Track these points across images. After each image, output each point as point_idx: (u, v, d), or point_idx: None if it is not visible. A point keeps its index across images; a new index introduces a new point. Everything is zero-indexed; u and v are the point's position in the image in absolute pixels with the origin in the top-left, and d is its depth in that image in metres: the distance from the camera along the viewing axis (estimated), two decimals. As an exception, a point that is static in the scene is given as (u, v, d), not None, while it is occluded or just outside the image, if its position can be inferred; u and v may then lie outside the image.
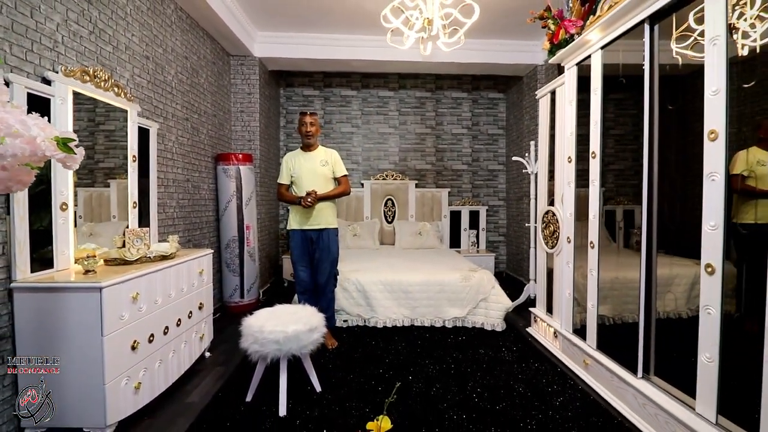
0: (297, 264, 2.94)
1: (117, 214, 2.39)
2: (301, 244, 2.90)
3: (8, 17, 1.70)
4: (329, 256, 2.91)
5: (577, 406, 2.03)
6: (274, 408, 2.01)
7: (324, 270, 2.91)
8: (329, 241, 2.91)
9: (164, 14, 2.96)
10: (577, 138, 2.50)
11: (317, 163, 2.92)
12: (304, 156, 2.96)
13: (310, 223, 2.88)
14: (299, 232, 2.91)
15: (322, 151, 2.99)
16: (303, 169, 2.91)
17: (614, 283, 2.26)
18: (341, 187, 2.97)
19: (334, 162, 2.96)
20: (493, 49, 4.43)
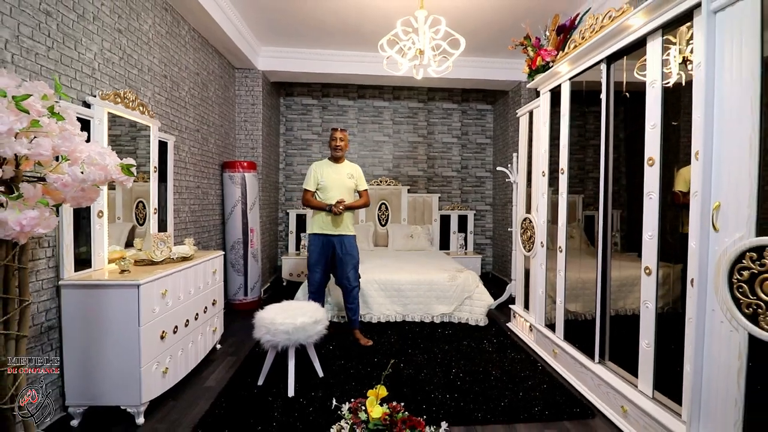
0: (314, 266, 3.09)
1: (122, 215, 2.56)
2: (321, 249, 3.06)
3: (58, 51, 1.98)
4: (352, 260, 3.10)
5: (544, 388, 2.37)
6: (284, 390, 2.32)
7: (349, 274, 3.09)
8: (351, 247, 3.10)
9: (179, 35, 3.25)
10: (550, 155, 2.84)
11: (344, 176, 3.12)
12: (332, 167, 3.14)
13: (333, 229, 3.05)
14: (321, 237, 3.07)
15: (348, 165, 3.20)
16: (331, 179, 3.08)
17: (587, 282, 2.58)
18: (363, 200, 3.21)
19: (358, 177, 3.20)
20: (481, 66, 4.77)
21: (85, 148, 1.38)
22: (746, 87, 1.41)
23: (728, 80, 1.48)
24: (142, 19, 2.69)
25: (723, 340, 1.48)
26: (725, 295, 1.45)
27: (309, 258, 3.13)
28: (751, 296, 1.36)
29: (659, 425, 1.75)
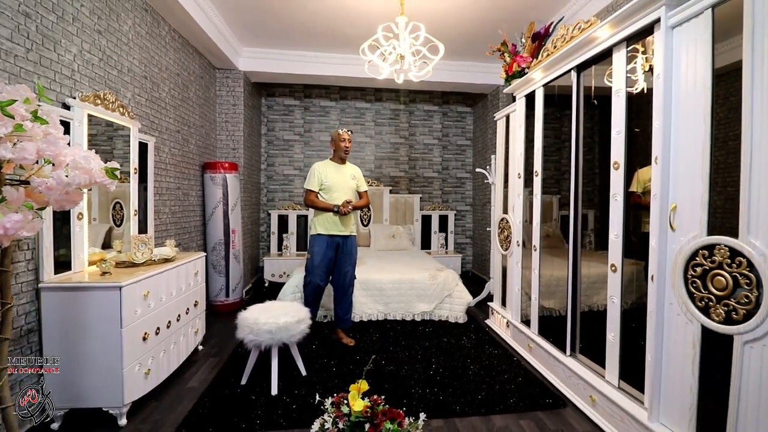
0: (317, 268, 3.02)
1: (98, 216, 2.52)
2: (326, 250, 3.04)
3: (37, 53, 1.97)
4: (351, 259, 3.13)
5: (519, 381, 2.48)
6: (267, 388, 2.35)
7: (347, 273, 3.12)
8: (352, 246, 3.15)
9: (160, 36, 3.23)
10: (525, 157, 2.95)
11: (348, 177, 3.15)
12: (336, 168, 3.14)
13: (340, 229, 3.06)
14: (327, 238, 3.04)
15: (350, 166, 3.24)
16: (335, 180, 3.09)
17: (561, 280, 2.69)
18: (364, 200, 3.25)
19: (360, 178, 3.25)
20: (461, 70, 4.89)
21: (70, 152, 1.39)
22: (699, 98, 1.53)
23: (684, 91, 1.61)
24: (122, 20, 2.67)
25: (679, 332, 1.61)
26: (681, 289, 1.57)
27: (311, 260, 3.05)
28: (703, 290, 1.49)
29: (624, 413, 1.87)
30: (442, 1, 3.39)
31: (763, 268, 1.28)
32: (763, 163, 1.31)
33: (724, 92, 1.49)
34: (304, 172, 5.81)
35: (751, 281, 1.32)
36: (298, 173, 5.80)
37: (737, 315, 1.36)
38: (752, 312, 1.32)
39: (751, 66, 1.33)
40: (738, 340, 1.37)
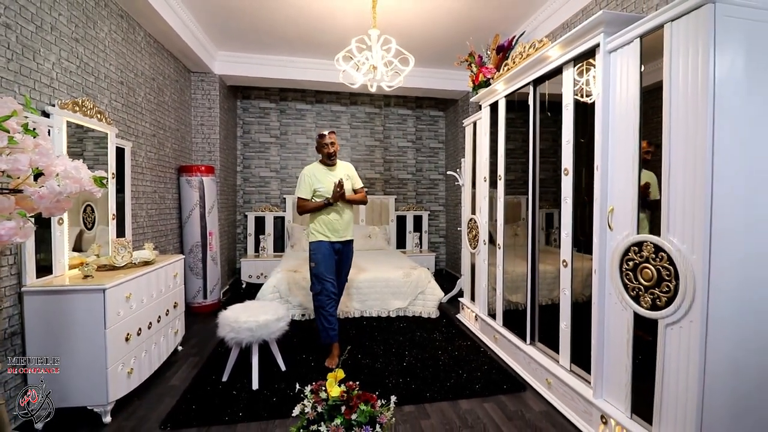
0: (324, 275, 2.83)
1: (68, 219, 2.41)
2: (329, 257, 2.86)
3: (17, 62, 2.02)
4: (349, 263, 3.07)
5: (485, 369, 2.69)
6: (248, 384, 2.46)
7: (344, 278, 3.09)
8: (350, 252, 3.05)
9: (135, 41, 3.26)
10: (490, 162, 3.17)
11: (342, 177, 2.92)
12: (326, 171, 2.92)
13: (341, 234, 2.90)
14: (327, 244, 2.86)
15: (342, 166, 3.03)
16: (328, 183, 2.85)
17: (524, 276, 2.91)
18: (361, 194, 3.07)
19: (354, 176, 3.06)
20: (433, 76, 5.09)
21: (60, 162, 1.48)
22: (630, 114, 1.77)
23: (618, 108, 1.84)
24: (98, 27, 2.71)
25: (617, 318, 1.84)
26: (617, 281, 1.80)
27: (317, 267, 2.83)
28: (634, 281, 1.72)
29: (575, 393, 2.10)
30: (413, 13, 3.57)
31: (679, 261, 1.52)
32: (677, 173, 1.54)
33: (651, 109, 1.73)
34: (281, 174, 5.89)
35: (670, 273, 1.55)
36: (274, 175, 5.87)
37: (660, 302, 1.60)
38: (672, 299, 1.55)
39: (669, 86, 1.57)
40: (661, 323, 1.61)
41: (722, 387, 1.49)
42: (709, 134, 1.43)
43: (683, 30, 1.51)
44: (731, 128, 1.44)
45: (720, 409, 1.50)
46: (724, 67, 1.44)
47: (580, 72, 2.12)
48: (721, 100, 1.43)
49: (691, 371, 1.50)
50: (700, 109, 1.45)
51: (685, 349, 1.52)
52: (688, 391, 1.51)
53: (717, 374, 1.48)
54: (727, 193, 1.44)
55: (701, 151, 1.44)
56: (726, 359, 1.48)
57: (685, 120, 1.51)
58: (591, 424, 1.98)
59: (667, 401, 1.60)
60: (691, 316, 1.49)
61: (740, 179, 1.46)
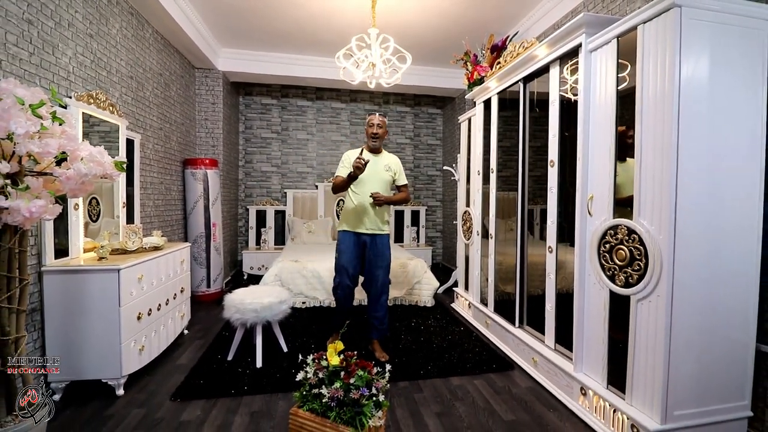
0: (345, 268, 2.71)
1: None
2: (353, 248, 2.74)
3: (38, 56, 2.15)
4: (383, 261, 2.76)
5: (476, 351, 2.84)
6: (252, 362, 2.61)
7: (377, 277, 2.74)
8: (383, 247, 2.77)
9: (144, 38, 3.40)
10: (484, 157, 3.32)
11: (381, 167, 2.77)
12: (369, 157, 2.68)
13: (366, 226, 2.73)
14: (352, 235, 2.75)
15: (386, 156, 2.85)
16: (367, 171, 2.64)
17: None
18: (403, 194, 2.88)
19: (397, 170, 2.86)
20: (430, 74, 5.24)
21: (85, 147, 1.62)
22: (608, 110, 1.92)
23: (598, 104, 1.99)
24: (110, 24, 2.85)
25: (595, 296, 1.99)
26: (595, 262, 1.95)
27: (338, 259, 2.76)
28: (610, 262, 1.87)
29: (558, 368, 2.25)
30: (411, 13, 3.72)
31: (648, 241, 1.67)
32: (648, 163, 1.69)
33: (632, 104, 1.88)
34: (281, 169, 6.03)
35: (641, 252, 1.70)
36: (275, 170, 6.01)
37: (632, 279, 1.75)
38: (642, 276, 1.70)
39: (641, 84, 1.72)
40: (633, 299, 1.76)
41: (686, 355, 1.65)
42: (674, 128, 1.58)
43: (654, 31, 1.66)
44: (695, 123, 1.59)
45: (684, 376, 1.65)
46: (690, 66, 1.59)
47: (571, 71, 2.27)
48: (686, 98, 1.58)
49: (658, 341, 1.65)
50: (667, 106, 1.59)
51: (654, 321, 1.67)
52: (655, 360, 1.66)
53: (681, 343, 1.63)
54: (689, 182, 1.59)
55: (668, 142, 1.59)
56: (689, 329, 1.64)
57: (654, 115, 1.66)
58: (572, 396, 2.13)
59: (638, 371, 1.75)
60: (659, 291, 1.64)
61: (702, 169, 1.62)
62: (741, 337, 1.73)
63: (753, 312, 1.74)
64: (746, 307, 1.72)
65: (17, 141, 1.43)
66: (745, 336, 1.74)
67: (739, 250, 1.69)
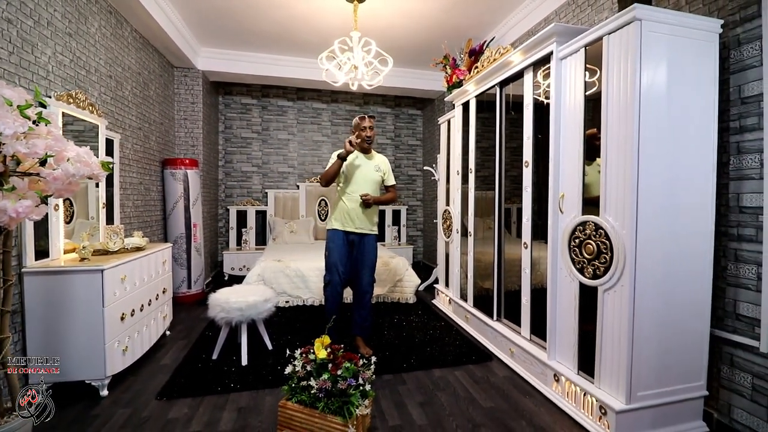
0: (334, 266, 2.78)
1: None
2: (342, 247, 2.80)
3: (18, 56, 2.13)
4: (370, 261, 2.84)
5: (457, 344, 2.95)
6: (237, 360, 2.64)
7: (363, 276, 2.83)
8: (370, 247, 2.84)
9: (123, 37, 3.36)
10: (462, 157, 3.44)
11: (371, 168, 2.87)
12: (360, 158, 2.84)
13: (356, 225, 2.80)
14: (341, 233, 2.81)
15: (376, 157, 2.94)
16: (357, 170, 2.80)
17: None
18: (391, 194, 2.97)
19: (386, 170, 2.95)
20: (411, 76, 5.35)
21: (71, 148, 1.63)
22: (577, 114, 2.05)
23: (568, 108, 2.12)
24: (89, 23, 2.82)
25: (566, 288, 2.13)
26: (566, 256, 2.09)
27: (328, 257, 2.83)
28: (580, 256, 2.00)
29: (533, 357, 2.38)
30: (392, 17, 3.80)
31: (613, 235, 1.80)
32: (612, 162, 1.83)
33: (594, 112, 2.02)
34: (262, 169, 6.01)
35: (607, 246, 1.84)
36: (256, 170, 6.00)
37: (599, 271, 1.88)
38: (608, 268, 1.84)
39: (606, 90, 1.85)
40: (600, 290, 1.90)
41: (648, 341, 1.79)
42: (635, 130, 1.72)
43: (617, 42, 1.80)
44: (654, 126, 1.74)
45: (646, 359, 1.80)
46: (650, 74, 1.73)
47: (544, 76, 2.40)
48: (647, 102, 1.73)
49: (623, 328, 1.79)
50: (629, 110, 1.74)
51: (618, 309, 1.81)
52: (620, 346, 1.80)
53: (643, 329, 1.78)
54: (650, 180, 1.74)
55: (630, 143, 1.73)
56: (651, 316, 1.79)
57: (617, 118, 1.80)
58: (546, 383, 2.26)
59: (605, 356, 1.89)
60: (623, 281, 1.78)
61: (661, 168, 1.77)
62: (697, 324, 1.89)
63: (707, 300, 1.90)
64: (702, 296, 1.88)
65: (4, 141, 1.43)
66: (700, 323, 1.89)
67: (695, 242, 1.85)
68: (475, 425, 1.98)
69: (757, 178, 1.79)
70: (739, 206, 1.86)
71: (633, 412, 1.78)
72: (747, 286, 1.83)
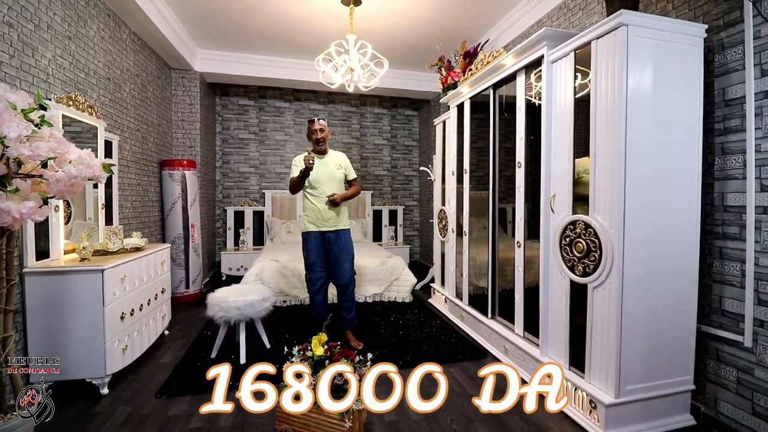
0: (315, 265, 2.93)
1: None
2: (319, 246, 2.92)
3: (18, 59, 2.16)
4: (348, 255, 2.97)
5: (452, 341, 3.00)
6: (236, 359, 2.68)
7: (345, 270, 2.95)
8: (346, 242, 2.98)
9: (121, 39, 3.39)
10: (457, 158, 3.49)
11: (333, 167, 2.96)
12: (319, 160, 2.92)
13: (330, 224, 2.92)
14: (317, 234, 2.92)
15: (334, 155, 3.03)
16: (321, 172, 2.89)
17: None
18: (356, 188, 3.06)
19: (347, 166, 3.05)
20: (407, 78, 5.40)
21: (74, 150, 1.67)
22: (567, 116, 2.10)
23: (559, 110, 2.18)
24: (88, 26, 2.85)
25: (558, 286, 2.18)
26: (558, 254, 2.14)
27: (307, 257, 2.96)
28: (570, 254, 2.06)
29: (526, 354, 2.44)
30: (388, 20, 3.85)
31: (602, 234, 1.86)
32: (601, 163, 1.88)
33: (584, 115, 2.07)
34: (260, 169, 6.05)
35: (596, 244, 1.90)
36: (253, 171, 6.03)
37: (589, 269, 1.94)
38: (597, 266, 1.89)
39: (595, 93, 1.91)
40: (590, 287, 1.95)
41: (636, 336, 1.85)
42: (622, 131, 1.77)
43: (605, 46, 1.85)
44: (640, 126, 1.79)
45: (635, 354, 1.85)
46: (636, 77, 1.79)
47: (537, 77, 2.45)
48: (633, 104, 1.78)
49: (612, 324, 1.84)
50: (617, 112, 1.79)
51: (607, 306, 1.86)
52: (609, 341, 1.86)
53: (632, 325, 1.83)
54: (636, 179, 1.80)
55: (617, 144, 1.79)
56: (639, 312, 1.84)
57: (605, 121, 1.85)
58: (538, 379, 2.31)
59: (595, 352, 1.94)
60: (611, 279, 1.83)
61: (647, 168, 1.82)
62: (684, 320, 1.94)
63: (694, 297, 1.95)
64: (688, 292, 1.94)
65: (8, 144, 1.47)
66: (687, 318, 1.95)
67: (682, 241, 1.90)
68: (469, 420, 2.03)
69: (740, 178, 1.85)
70: (724, 205, 1.92)
71: (622, 405, 1.84)
72: (731, 282, 1.89)
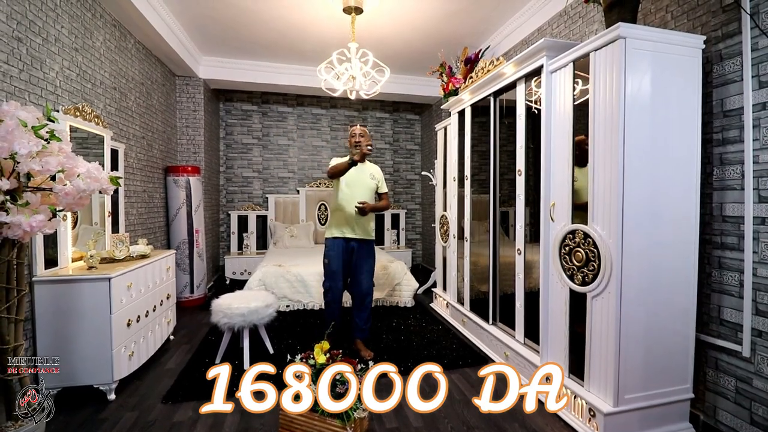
0: (335, 273, 2.88)
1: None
2: (342, 254, 2.89)
3: (27, 72, 2.21)
4: (368, 265, 2.96)
5: (453, 347, 3.02)
6: (240, 365, 2.71)
7: (363, 281, 2.94)
8: (369, 252, 2.97)
9: (126, 49, 3.45)
10: (459, 164, 3.52)
11: (367, 176, 2.97)
12: (357, 166, 2.88)
13: (356, 232, 2.90)
14: (341, 242, 2.90)
15: (369, 165, 3.03)
16: (354, 178, 2.90)
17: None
18: (385, 202, 3.07)
19: (380, 179, 3.06)
20: (409, 83, 5.43)
21: (82, 164, 1.71)
22: (566, 125, 2.13)
23: (558, 120, 2.20)
24: (94, 37, 2.90)
25: (558, 294, 2.20)
26: (557, 263, 2.16)
27: (328, 265, 2.91)
28: (570, 263, 2.08)
29: (526, 361, 2.46)
30: (389, 27, 3.88)
31: (601, 244, 1.88)
32: (599, 174, 1.90)
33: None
34: (263, 174, 6.10)
35: (595, 254, 1.92)
36: (256, 175, 6.08)
37: (588, 278, 1.96)
38: (596, 275, 1.91)
39: (593, 103, 1.93)
40: (589, 296, 1.97)
41: (635, 345, 1.86)
42: (620, 142, 1.79)
43: (603, 58, 1.87)
44: (638, 139, 1.81)
45: (634, 363, 1.87)
46: (634, 88, 1.81)
47: (537, 84, 2.48)
48: (631, 115, 1.80)
49: (610, 333, 1.86)
50: (615, 123, 1.81)
51: (606, 315, 1.88)
52: (608, 350, 1.87)
53: (630, 334, 1.85)
54: (634, 189, 1.81)
55: (615, 157, 1.81)
56: (637, 322, 1.86)
57: (603, 132, 1.87)
58: (539, 386, 2.33)
59: (594, 360, 1.96)
60: (610, 288, 1.85)
61: (645, 177, 1.84)
62: (683, 329, 1.96)
63: (692, 306, 1.97)
64: (687, 302, 1.95)
65: (19, 161, 1.51)
66: (686, 328, 1.96)
67: (681, 250, 1.92)
68: (469, 427, 2.06)
69: (738, 188, 1.86)
70: (723, 215, 1.94)
71: (621, 414, 1.86)
72: (730, 292, 1.90)
